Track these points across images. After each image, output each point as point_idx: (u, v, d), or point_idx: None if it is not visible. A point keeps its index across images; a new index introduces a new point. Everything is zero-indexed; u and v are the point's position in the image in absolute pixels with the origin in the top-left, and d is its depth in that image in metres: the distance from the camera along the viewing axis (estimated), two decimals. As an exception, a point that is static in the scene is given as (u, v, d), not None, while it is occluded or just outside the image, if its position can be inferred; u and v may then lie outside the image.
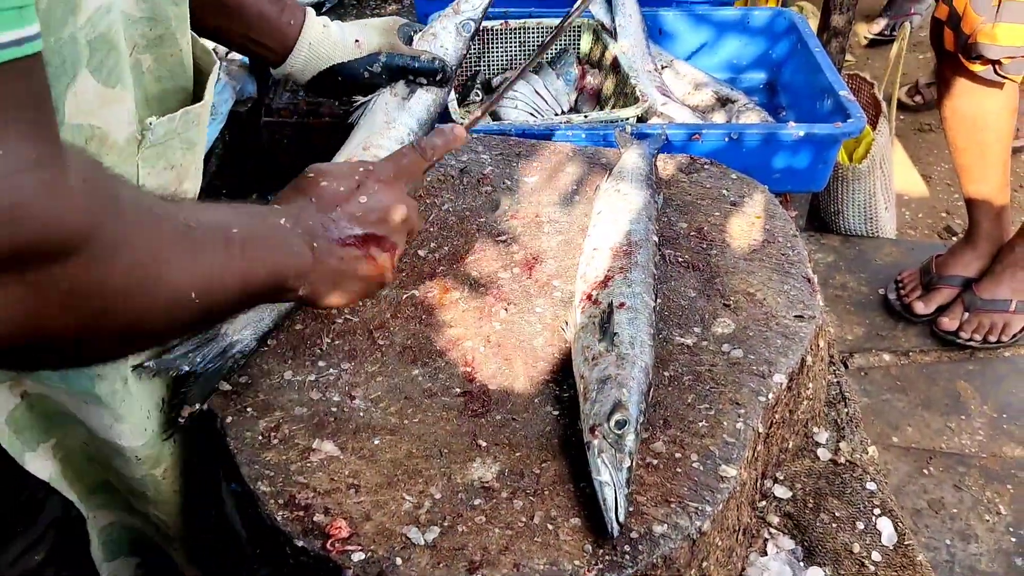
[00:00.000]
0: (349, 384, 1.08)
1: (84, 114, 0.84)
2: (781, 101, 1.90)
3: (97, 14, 0.81)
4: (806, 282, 1.21)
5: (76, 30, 0.80)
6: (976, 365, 2.46)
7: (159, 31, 0.95)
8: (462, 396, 1.06)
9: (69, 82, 0.81)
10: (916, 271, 2.59)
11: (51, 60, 0.78)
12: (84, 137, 0.85)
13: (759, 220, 1.31)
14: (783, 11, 1.92)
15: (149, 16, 0.93)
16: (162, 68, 0.98)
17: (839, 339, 2.47)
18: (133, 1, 0.91)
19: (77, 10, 0.79)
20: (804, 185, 1.67)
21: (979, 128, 2.33)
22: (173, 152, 0.98)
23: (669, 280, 1.21)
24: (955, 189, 3.35)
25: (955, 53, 2.20)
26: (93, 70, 0.83)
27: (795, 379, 1.11)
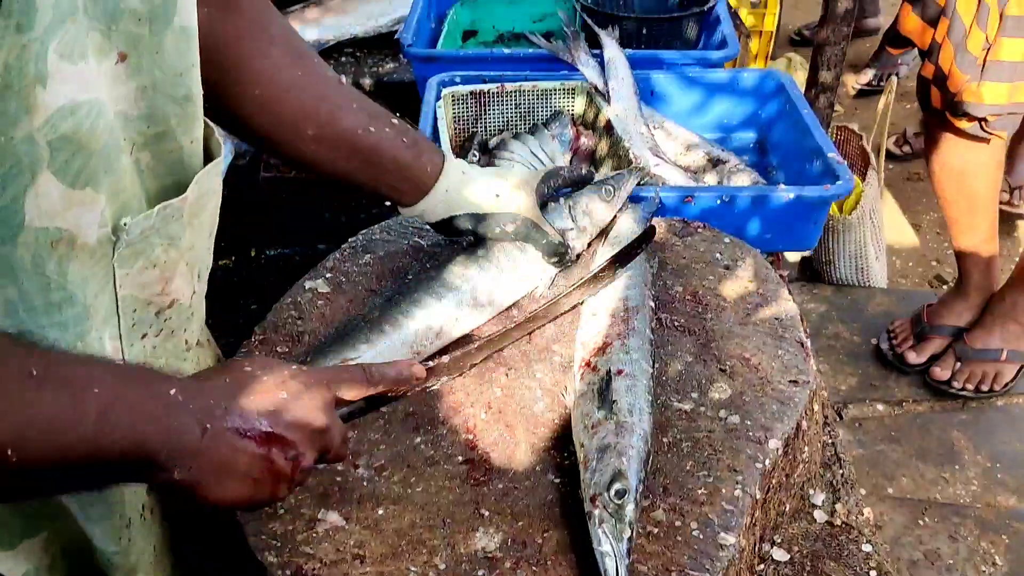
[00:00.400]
0: (353, 452, 1.09)
1: (48, 217, 0.80)
2: (771, 160, 1.94)
3: (58, 115, 0.77)
4: (799, 346, 1.24)
5: (33, 130, 0.76)
6: (969, 415, 2.48)
7: (157, 129, 0.93)
8: (464, 464, 1.08)
9: (28, 184, 0.77)
10: (908, 321, 2.62)
11: (2, 161, 0.75)
12: (50, 240, 0.81)
13: (752, 284, 1.34)
14: (771, 72, 1.97)
15: (147, 114, 0.91)
16: (160, 165, 0.95)
17: (833, 389, 2.49)
18: (131, 100, 0.89)
19: (33, 110, 0.75)
20: (795, 245, 1.70)
21: (967, 182, 2.38)
22: (152, 250, 0.93)
23: (666, 345, 1.24)
24: (944, 238, 3.39)
25: (942, 110, 2.25)
26: (56, 171, 0.79)
27: (791, 444, 1.13)
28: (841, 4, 2.65)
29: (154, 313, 0.97)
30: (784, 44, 4.63)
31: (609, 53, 1.96)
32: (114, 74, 0.86)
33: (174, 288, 0.98)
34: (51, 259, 0.82)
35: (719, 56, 2.05)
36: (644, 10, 2.40)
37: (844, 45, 2.73)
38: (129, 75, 0.88)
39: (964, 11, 2.15)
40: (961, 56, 2.15)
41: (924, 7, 2.29)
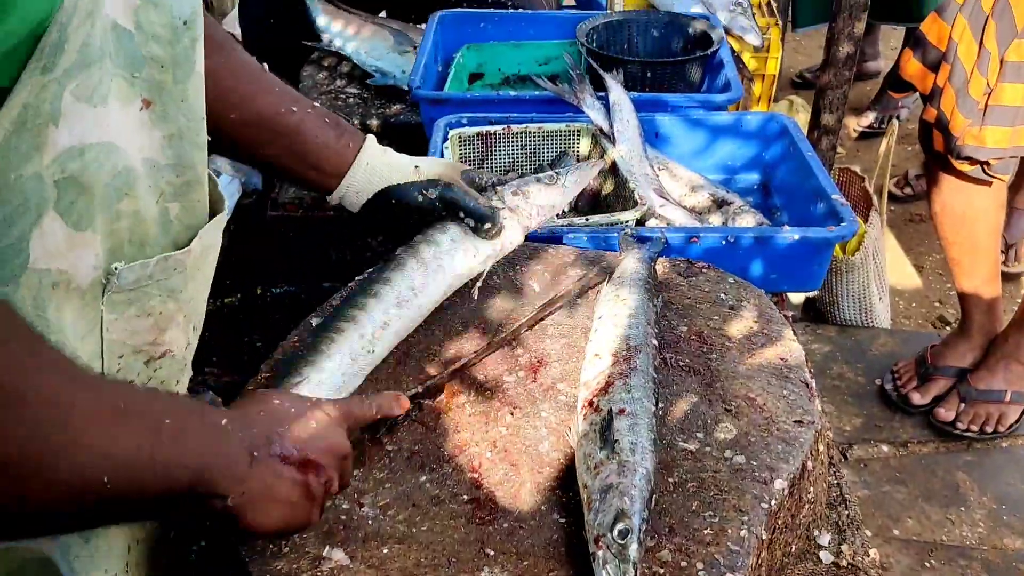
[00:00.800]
0: (358, 491, 1.10)
1: (51, 257, 0.80)
2: (775, 202, 1.96)
3: (67, 155, 0.78)
4: (804, 387, 1.24)
5: (42, 169, 0.77)
6: (974, 456, 2.48)
7: (186, 177, 0.94)
8: (469, 503, 1.08)
9: (34, 223, 0.77)
10: (911, 361, 2.62)
11: (10, 198, 0.75)
12: (50, 283, 0.81)
13: (757, 325, 1.35)
14: (775, 115, 1.99)
15: (175, 163, 0.92)
16: (189, 216, 0.96)
17: (837, 430, 2.49)
18: (159, 148, 0.90)
19: (43, 148, 0.76)
20: (800, 286, 1.71)
21: (969, 224, 2.40)
22: (148, 299, 0.92)
23: (671, 384, 1.24)
24: (947, 279, 3.40)
25: (944, 153, 2.27)
26: (62, 212, 0.80)
27: (796, 484, 1.13)
28: (842, 49, 2.69)
29: (143, 362, 0.97)
30: (786, 87, 4.68)
31: (614, 96, 1.98)
32: (139, 121, 0.87)
33: (168, 339, 0.98)
34: (51, 302, 0.82)
35: (723, 99, 2.07)
36: (648, 54, 2.44)
37: (846, 89, 2.77)
38: (154, 123, 0.89)
39: (965, 56, 2.18)
40: (963, 100, 2.17)
41: (925, 52, 2.32)
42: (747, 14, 2.76)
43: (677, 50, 2.43)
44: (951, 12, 2.25)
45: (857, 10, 2.69)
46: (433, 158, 1.36)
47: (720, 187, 1.92)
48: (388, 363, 1.28)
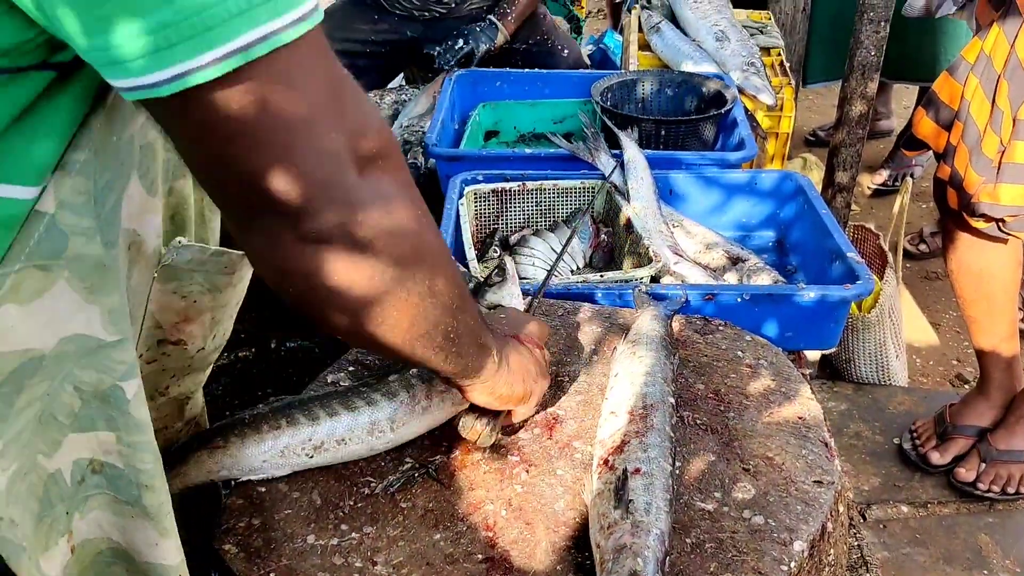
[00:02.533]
0: (371, 549, 1.09)
1: (131, 218, 0.85)
2: (791, 260, 1.96)
3: (149, 121, 0.84)
4: (823, 446, 1.23)
5: (135, 131, 0.82)
6: (996, 517, 2.43)
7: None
8: (484, 563, 1.07)
9: (125, 185, 0.83)
10: (930, 420, 2.59)
11: (113, 162, 0.80)
12: (129, 243, 0.85)
13: (774, 383, 1.34)
14: (790, 174, 2.00)
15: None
16: (218, 219, 1.01)
17: (856, 489, 2.45)
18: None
19: (137, 113, 0.81)
20: (816, 344, 1.70)
21: (985, 281, 2.38)
22: (190, 284, 0.95)
23: (688, 443, 1.23)
24: (964, 337, 3.38)
25: (959, 211, 2.27)
26: (141, 176, 0.85)
27: (816, 546, 1.11)
28: (855, 108, 2.71)
29: (157, 341, 0.99)
30: (799, 145, 4.70)
31: (628, 153, 2.00)
32: None
33: (188, 330, 1.00)
34: (125, 260, 0.86)
35: (737, 157, 2.09)
36: (662, 112, 2.46)
37: (859, 147, 2.78)
38: None
39: (977, 115, 2.19)
40: (976, 158, 2.17)
41: (938, 111, 2.33)
42: (760, 74, 2.78)
43: (691, 109, 2.45)
44: (963, 71, 2.26)
45: (870, 70, 2.71)
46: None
47: (735, 244, 1.93)
48: (403, 419, 1.27)
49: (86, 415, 0.86)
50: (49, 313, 0.78)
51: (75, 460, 0.87)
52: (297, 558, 1.07)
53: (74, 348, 0.81)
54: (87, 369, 0.83)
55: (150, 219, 0.87)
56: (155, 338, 0.98)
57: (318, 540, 1.10)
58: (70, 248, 0.78)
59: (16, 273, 0.76)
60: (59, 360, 0.81)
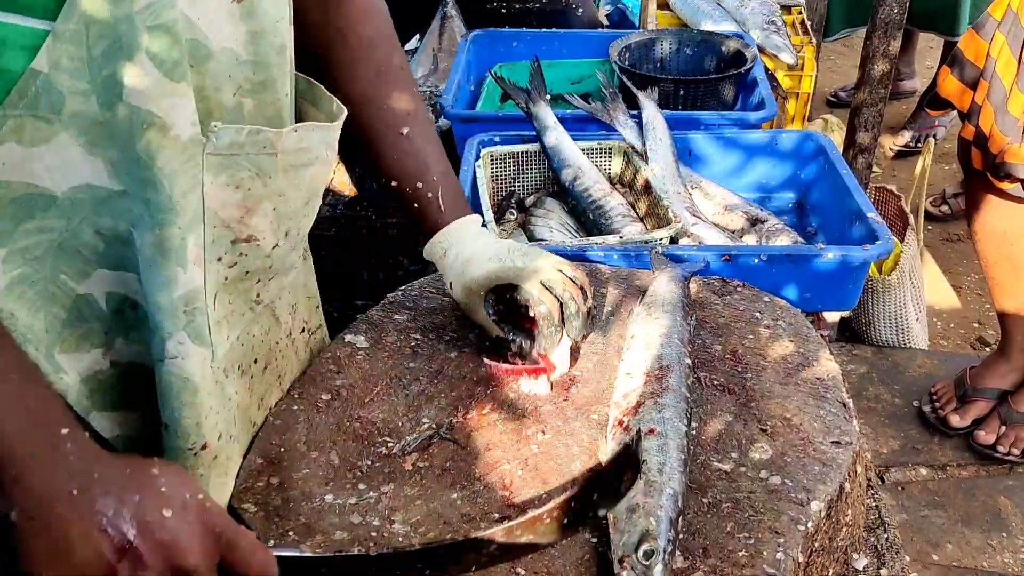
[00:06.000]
0: (389, 508, 1.09)
1: (145, 99, 0.87)
2: (811, 221, 1.94)
3: (160, 3, 0.86)
4: (842, 407, 1.22)
5: (133, 12, 0.84)
6: (1016, 480, 2.42)
7: (262, 76, 1.00)
8: (500, 522, 1.07)
9: (125, 60, 0.85)
10: (950, 383, 2.58)
11: (108, 35, 0.84)
12: (142, 122, 0.88)
13: (792, 344, 1.33)
14: (811, 134, 1.97)
15: (254, 60, 0.98)
16: (260, 116, 1.02)
17: (875, 452, 2.45)
18: (243, 43, 0.96)
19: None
20: (835, 305, 1.69)
21: (1009, 242, 2.36)
22: (238, 171, 0.98)
23: (705, 404, 1.23)
24: (986, 299, 3.35)
25: (983, 172, 2.24)
26: (153, 57, 0.86)
27: (834, 506, 1.11)
28: (878, 67, 2.67)
29: (230, 241, 1.02)
30: (820, 106, 4.65)
31: (647, 114, 1.98)
32: (229, 11, 0.94)
33: (254, 224, 1.03)
34: (141, 139, 0.88)
35: (757, 117, 2.06)
36: (681, 72, 2.43)
37: (881, 107, 2.74)
38: (242, 17, 0.95)
39: (1004, 73, 2.15)
40: (1002, 118, 2.14)
41: (963, 69, 2.30)
42: (781, 32, 2.74)
43: (710, 69, 2.42)
44: (989, 28, 2.22)
45: (892, 28, 2.67)
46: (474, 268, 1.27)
47: (754, 206, 1.91)
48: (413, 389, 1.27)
49: (112, 255, 0.95)
50: (54, 160, 0.87)
51: (107, 292, 0.97)
52: (315, 517, 1.08)
53: (87, 196, 0.90)
54: (104, 216, 0.92)
55: (175, 103, 0.89)
56: (227, 238, 1.01)
57: (336, 499, 1.10)
58: (67, 106, 0.86)
59: (16, 118, 0.84)
60: (75, 205, 0.90)
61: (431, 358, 1.32)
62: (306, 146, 1.05)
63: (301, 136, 1.04)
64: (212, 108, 0.96)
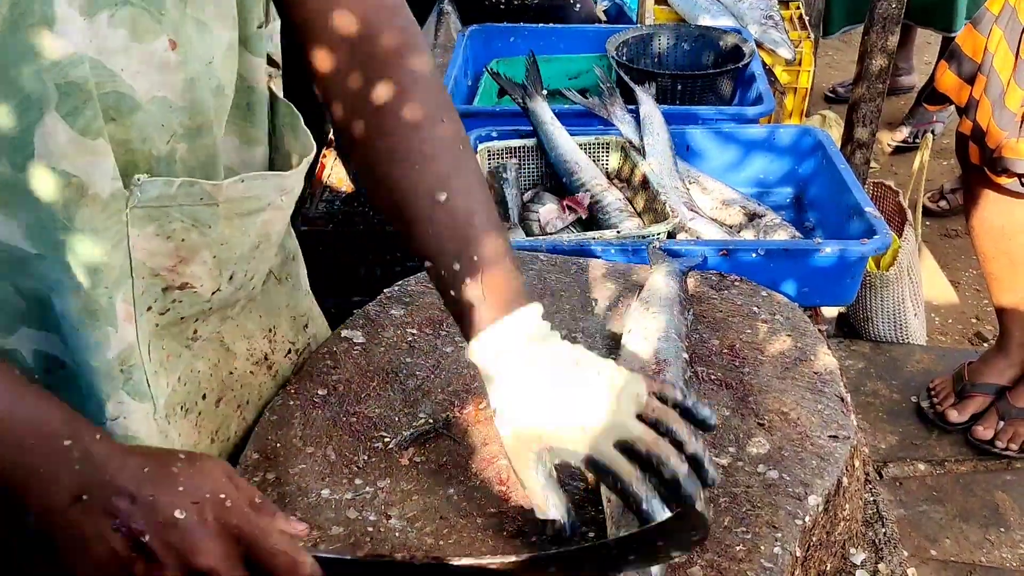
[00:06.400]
0: (385, 503, 1.09)
1: (56, 157, 0.83)
2: (809, 216, 1.93)
3: (68, 61, 0.81)
4: (839, 401, 1.22)
5: (42, 70, 0.80)
6: (1014, 475, 2.42)
7: (198, 121, 0.94)
8: (497, 516, 1.07)
9: (36, 120, 0.81)
10: (948, 378, 2.58)
11: (14, 93, 0.80)
12: (59, 183, 0.83)
13: (790, 339, 1.33)
14: (809, 129, 1.97)
15: (189, 106, 0.92)
16: (194, 159, 0.95)
17: (873, 447, 2.45)
18: (179, 92, 0.91)
19: (41, 51, 0.79)
20: (833, 300, 1.69)
21: (1007, 237, 2.36)
22: (169, 222, 0.92)
23: (703, 398, 1.22)
24: (984, 295, 3.35)
25: (981, 166, 2.24)
26: (65, 115, 0.82)
27: (831, 501, 1.11)
28: (876, 62, 2.66)
29: (161, 289, 0.96)
30: (818, 102, 4.65)
31: (645, 109, 1.98)
32: (163, 61, 0.88)
33: (190, 272, 0.96)
34: (59, 198, 0.84)
35: (755, 112, 2.06)
36: (678, 67, 2.43)
37: (879, 102, 2.74)
38: (178, 65, 0.89)
39: (1001, 68, 2.15)
40: (999, 112, 2.14)
41: (960, 64, 2.30)
42: (779, 27, 2.74)
43: (708, 64, 2.42)
44: (986, 24, 2.22)
45: (890, 23, 2.66)
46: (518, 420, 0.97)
47: (752, 201, 1.91)
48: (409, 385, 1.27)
49: (34, 315, 0.89)
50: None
51: (34, 349, 0.91)
52: (312, 512, 1.08)
53: (4, 256, 0.86)
54: (21, 275, 0.87)
55: (91, 160, 0.85)
56: (157, 287, 0.96)
57: (332, 494, 1.10)
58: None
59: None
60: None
61: (428, 353, 1.32)
62: (255, 195, 0.98)
63: (248, 186, 0.97)
64: (139, 160, 0.90)
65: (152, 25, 0.86)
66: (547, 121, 1.91)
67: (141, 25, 0.85)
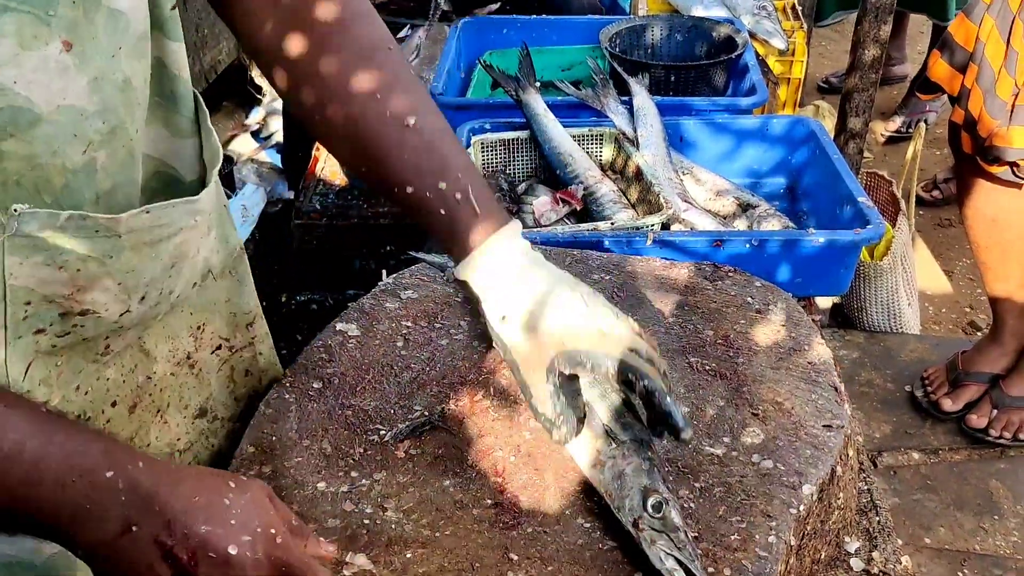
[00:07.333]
0: (381, 495, 1.09)
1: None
2: (802, 206, 1.94)
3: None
4: (833, 391, 1.22)
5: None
6: (1007, 463, 2.43)
7: (112, 124, 0.88)
8: (493, 508, 1.07)
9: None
10: (942, 367, 2.59)
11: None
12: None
13: (784, 329, 1.33)
14: (802, 119, 1.97)
15: (101, 110, 0.86)
16: (115, 165, 0.90)
17: (867, 437, 2.46)
18: (86, 94, 0.84)
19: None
20: (826, 289, 1.69)
21: (1000, 227, 2.36)
22: (59, 254, 0.85)
23: (697, 389, 1.23)
24: (977, 284, 3.36)
25: (973, 155, 2.24)
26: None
27: (826, 490, 1.11)
28: (869, 52, 2.66)
29: (58, 314, 0.89)
30: (812, 92, 4.65)
31: (638, 100, 1.97)
32: (59, 64, 0.81)
33: (90, 300, 0.90)
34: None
35: (748, 103, 2.06)
36: (672, 58, 2.43)
37: (872, 92, 2.74)
38: (78, 67, 0.82)
39: (992, 57, 2.15)
40: (991, 101, 2.14)
41: (952, 53, 2.30)
42: (772, 18, 2.74)
43: (701, 54, 2.42)
44: (978, 13, 2.22)
45: (883, 13, 2.66)
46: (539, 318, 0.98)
47: (745, 191, 1.91)
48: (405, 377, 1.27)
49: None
50: None
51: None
52: (308, 505, 1.08)
53: None
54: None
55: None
56: (55, 312, 0.89)
57: (329, 487, 1.10)
58: None
59: None
60: None
61: (423, 345, 1.32)
62: (165, 223, 0.93)
63: (156, 216, 0.91)
64: (52, 175, 0.83)
65: (40, 29, 0.78)
66: (540, 113, 1.90)
67: (28, 31, 0.77)
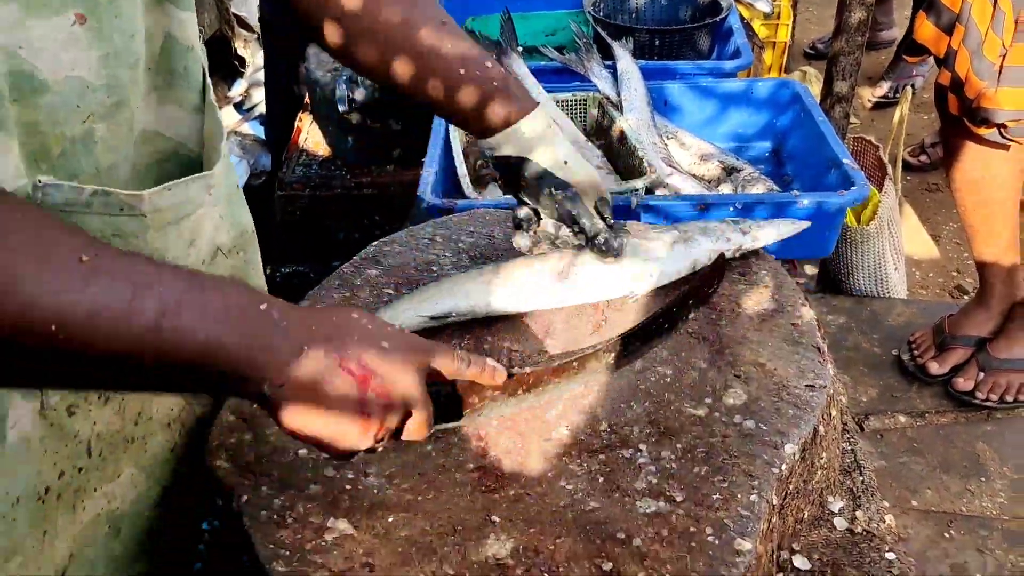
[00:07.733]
0: (363, 460, 1.08)
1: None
2: (787, 170, 1.93)
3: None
4: (816, 351, 1.22)
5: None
6: (994, 426, 2.44)
7: (116, 98, 0.89)
8: (475, 472, 1.07)
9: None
10: (929, 331, 2.59)
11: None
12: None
13: (767, 291, 1.32)
14: (787, 81, 1.96)
15: (107, 84, 0.87)
16: (115, 137, 0.91)
17: (854, 401, 2.46)
18: (93, 69, 0.85)
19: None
20: (811, 252, 1.69)
21: (987, 189, 2.36)
22: (88, 227, 0.85)
23: (680, 352, 1.22)
24: (964, 248, 3.36)
25: (960, 117, 2.23)
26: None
27: (808, 449, 1.11)
28: (855, 15, 2.64)
29: None
30: (798, 58, 4.62)
31: (622, 64, 1.96)
32: (70, 36, 0.82)
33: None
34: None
35: (733, 66, 2.04)
36: (656, 22, 2.40)
37: (858, 55, 2.72)
38: (91, 42, 0.84)
39: (979, 17, 2.14)
40: (978, 62, 2.13)
41: (939, 14, 2.28)
42: (757, -19, 2.72)
43: (685, 18, 2.40)
44: (965, -27, 2.20)
45: (869, -25, 2.64)
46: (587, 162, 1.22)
47: (730, 155, 1.90)
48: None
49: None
50: None
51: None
52: (289, 471, 1.07)
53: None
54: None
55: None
56: None
57: (310, 453, 1.09)
58: None
59: None
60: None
61: (404, 312, 1.31)
62: (184, 200, 0.95)
63: (175, 193, 0.94)
64: (51, 143, 0.84)
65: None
66: (523, 78, 1.88)
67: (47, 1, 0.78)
